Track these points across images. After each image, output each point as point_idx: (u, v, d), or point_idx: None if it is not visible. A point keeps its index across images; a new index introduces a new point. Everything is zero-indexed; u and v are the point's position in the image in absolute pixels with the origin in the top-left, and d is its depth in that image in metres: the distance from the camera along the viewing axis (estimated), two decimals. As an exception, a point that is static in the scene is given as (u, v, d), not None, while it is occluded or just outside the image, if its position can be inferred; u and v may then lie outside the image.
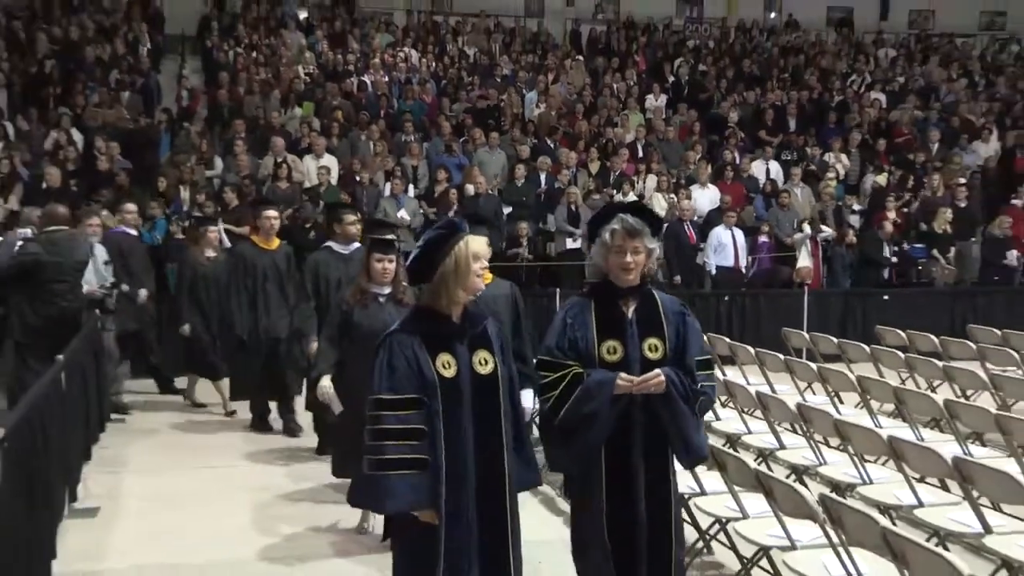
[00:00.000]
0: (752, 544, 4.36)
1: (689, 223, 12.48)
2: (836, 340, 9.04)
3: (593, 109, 16.11)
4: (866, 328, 11.18)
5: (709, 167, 14.01)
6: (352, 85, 15.74)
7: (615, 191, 13.08)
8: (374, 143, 13.76)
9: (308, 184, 12.58)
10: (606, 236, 3.64)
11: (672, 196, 13.14)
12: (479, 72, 17.31)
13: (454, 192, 12.51)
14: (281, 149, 12.82)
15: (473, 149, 14.06)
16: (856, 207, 14.10)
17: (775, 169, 14.72)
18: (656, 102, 16.77)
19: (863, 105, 17.11)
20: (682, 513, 4.04)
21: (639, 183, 13.62)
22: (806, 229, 12.80)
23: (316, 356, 5.91)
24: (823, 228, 12.95)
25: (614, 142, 14.80)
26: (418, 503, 3.23)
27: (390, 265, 5.46)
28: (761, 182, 14.32)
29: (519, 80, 16.99)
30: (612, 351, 3.63)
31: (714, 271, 12.45)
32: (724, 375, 7.46)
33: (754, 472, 4.30)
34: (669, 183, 13.54)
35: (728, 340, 8.84)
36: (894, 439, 4.94)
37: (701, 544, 4.98)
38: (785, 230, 13.09)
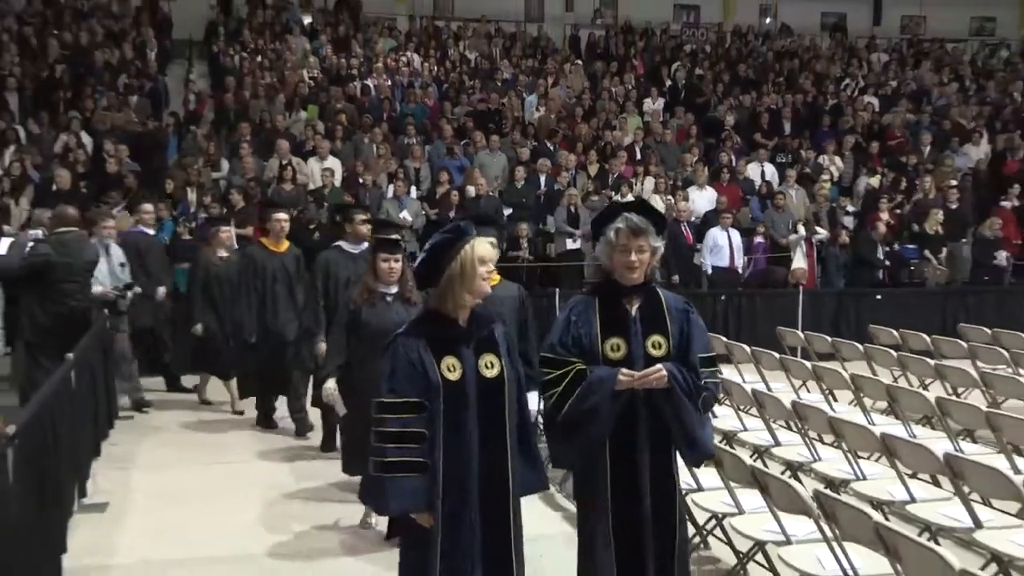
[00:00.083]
0: (748, 539, 4.41)
1: (686, 224, 12.56)
2: (830, 339, 9.09)
3: (592, 112, 16.18)
4: (859, 327, 11.28)
5: (706, 169, 14.07)
6: (355, 89, 15.80)
7: (614, 193, 13.14)
8: (377, 146, 13.82)
9: (312, 186, 12.64)
10: (611, 235, 3.63)
11: (669, 198, 13.20)
12: (480, 76, 17.35)
13: (455, 194, 12.59)
14: (286, 152, 12.88)
15: (474, 151, 14.13)
16: (850, 209, 14.22)
17: (770, 171, 14.77)
18: (654, 105, 16.85)
19: (856, 109, 17.16)
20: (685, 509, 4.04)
21: (637, 185, 13.67)
22: (801, 230, 12.86)
23: (324, 357, 5.96)
24: (817, 229, 13.06)
25: (613, 145, 14.88)
26: (416, 506, 3.25)
27: (396, 264, 5.46)
28: (757, 184, 14.40)
29: (519, 84, 17.04)
30: (616, 348, 3.61)
31: (710, 271, 12.52)
32: (720, 374, 7.51)
33: (750, 468, 4.34)
34: (666, 185, 13.62)
35: (724, 339, 8.85)
36: (887, 436, 4.96)
37: (698, 539, 5.01)
38: (780, 231, 13.17)
